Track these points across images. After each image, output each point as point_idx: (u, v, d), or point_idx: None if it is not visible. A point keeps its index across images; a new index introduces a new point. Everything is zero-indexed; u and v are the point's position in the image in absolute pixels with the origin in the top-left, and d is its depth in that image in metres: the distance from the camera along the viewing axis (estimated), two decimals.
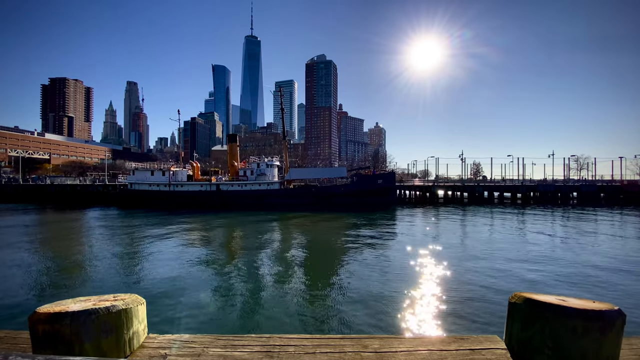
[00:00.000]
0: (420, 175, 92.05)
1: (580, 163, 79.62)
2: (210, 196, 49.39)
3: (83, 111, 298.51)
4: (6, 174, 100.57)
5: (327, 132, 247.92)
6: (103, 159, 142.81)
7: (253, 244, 20.87)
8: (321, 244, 21.04)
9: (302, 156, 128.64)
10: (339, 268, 14.28)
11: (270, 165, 52.41)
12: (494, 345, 1.57)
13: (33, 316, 1.30)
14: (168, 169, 53.26)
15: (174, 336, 1.63)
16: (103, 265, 14.66)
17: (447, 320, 8.46)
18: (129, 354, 1.45)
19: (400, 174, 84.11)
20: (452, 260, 14.90)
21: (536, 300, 1.40)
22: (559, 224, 29.29)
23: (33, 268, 14.20)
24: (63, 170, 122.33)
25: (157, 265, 14.51)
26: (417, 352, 1.50)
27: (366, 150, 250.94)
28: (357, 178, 50.97)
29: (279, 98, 55.95)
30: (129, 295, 1.55)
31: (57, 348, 1.28)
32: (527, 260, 14.92)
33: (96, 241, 21.06)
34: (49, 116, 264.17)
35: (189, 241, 21.25)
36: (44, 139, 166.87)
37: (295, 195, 48.53)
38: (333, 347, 1.54)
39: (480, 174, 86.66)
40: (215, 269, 14.25)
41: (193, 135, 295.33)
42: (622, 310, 1.32)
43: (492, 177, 75.63)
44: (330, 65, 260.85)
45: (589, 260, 15.09)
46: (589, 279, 12.16)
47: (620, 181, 64.90)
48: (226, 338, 1.61)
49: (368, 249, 17.89)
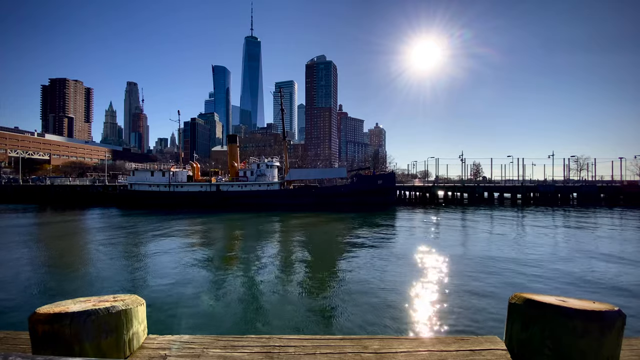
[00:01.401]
0: (420, 175, 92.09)
1: (580, 163, 79.71)
2: (210, 197, 49.39)
3: (83, 112, 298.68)
4: (6, 175, 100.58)
5: (327, 133, 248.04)
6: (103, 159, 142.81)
7: (253, 244, 20.86)
8: (321, 244, 21.03)
9: (302, 157, 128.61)
10: (338, 268, 14.28)
11: (270, 165, 52.41)
12: (494, 345, 1.57)
13: (33, 317, 1.30)
14: (168, 169, 53.27)
15: (173, 337, 1.63)
16: (103, 265, 14.65)
17: (447, 320, 8.46)
18: (129, 354, 1.45)
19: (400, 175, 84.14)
20: (451, 260, 14.89)
21: (536, 300, 1.40)
22: (559, 225, 29.28)
23: (33, 268, 14.19)
24: (63, 171, 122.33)
25: (157, 266, 14.51)
26: (417, 353, 1.50)
27: (366, 151, 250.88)
28: (357, 178, 50.99)
29: (279, 99, 55.99)
30: (129, 295, 1.55)
31: (57, 349, 1.28)
32: (527, 261, 14.91)
33: (96, 242, 21.05)
34: (49, 117, 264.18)
35: (189, 242, 21.23)
36: (44, 139, 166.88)
37: (295, 196, 48.52)
38: (333, 348, 1.54)
39: (480, 175, 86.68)
40: (215, 269, 14.25)
41: (193, 135, 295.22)
42: (622, 311, 1.32)
43: (492, 177, 75.69)
44: (330, 65, 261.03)
45: (589, 260, 15.09)
46: (589, 279, 12.15)
47: (620, 182, 64.94)
48: (226, 339, 1.61)
49: (368, 250, 17.88)
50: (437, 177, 73.10)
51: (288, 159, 57.61)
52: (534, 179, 72.50)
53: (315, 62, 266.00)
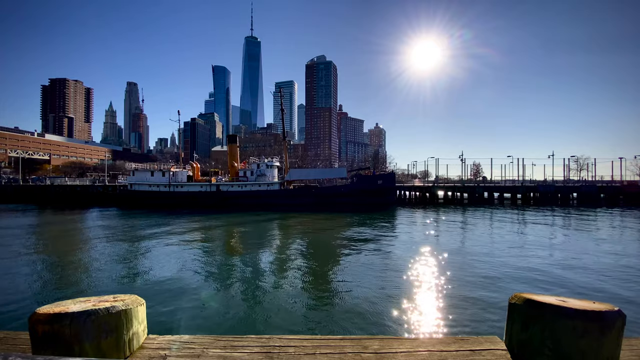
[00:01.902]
0: (420, 175, 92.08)
1: (580, 164, 79.70)
2: (210, 197, 49.39)
3: (83, 112, 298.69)
4: (6, 175, 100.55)
5: (327, 133, 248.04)
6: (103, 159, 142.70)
7: (253, 244, 20.86)
8: (321, 244, 21.03)
9: (302, 157, 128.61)
10: (338, 268, 14.28)
11: (270, 165, 52.41)
12: (494, 346, 1.57)
13: (33, 317, 1.30)
14: (168, 169, 53.24)
15: (173, 337, 1.63)
16: (103, 265, 14.65)
17: (447, 320, 8.46)
18: (129, 354, 1.45)
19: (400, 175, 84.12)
20: (451, 261, 14.89)
21: (536, 301, 1.40)
22: (559, 225, 29.28)
23: (33, 268, 14.19)
24: (63, 171, 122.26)
25: (157, 266, 14.50)
26: (417, 353, 1.50)
27: (366, 151, 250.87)
28: (357, 178, 50.99)
29: (279, 99, 55.98)
30: (129, 296, 1.55)
31: (57, 349, 1.28)
32: (527, 261, 14.91)
33: (96, 242, 21.04)
34: (49, 117, 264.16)
35: (189, 242, 21.23)
36: (44, 139, 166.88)
37: (295, 196, 48.52)
38: (333, 348, 1.54)
39: (480, 175, 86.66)
40: (215, 269, 14.25)
41: (193, 135, 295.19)
42: (622, 311, 1.32)
43: (492, 177, 75.68)
44: (330, 65, 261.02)
45: (589, 260, 15.08)
46: (589, 279, 12.15)
47: (620, 182, 64.95)
48: (226, 339, 1.61)
49: (368, 250, 17.88)
50: (437, 177, 73.09)
51: (288, 159, 57.60)
52: (534, 179, 72.48)
53: (315, 62, 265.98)
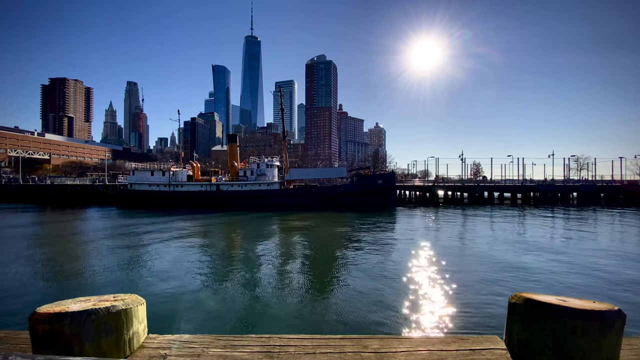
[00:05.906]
0: (420, 175, 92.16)
1: (580, 163, 79.82)
2: (210, 196, 49.39)
3: (83, 111, 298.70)
4: (6, 174, 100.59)
5: (327, 133, 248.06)
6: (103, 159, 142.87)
7: (253, 244, 20.87)
8: (321, 244, 21.04)
9: (302, 156, 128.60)
10: (339, 268, 14.29)
11: (270, 165, 52.43)
12: (494, 345, 1.56)
13: (33, 316, 1.29)
14: (168, 169, 53.23)
15: (173, 336, 1.63)
16: (103, 265, 14.65)
17: (447, 320, 8.46)
18: (129, 354, 1.45)
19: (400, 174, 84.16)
20: (451, 260, 14.90)
21: (536, 300, 1.40)
22: (559, 225, 29.30)
23: (33, 268, 14.20)
24: (63, 171, 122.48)
25: (157, 266, 14.51)
26: (417, 353, 1.50)
27: (366, 151, 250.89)
28: (357, 178, 51.00)
29: (279, 98, 55.98)
30: (129, 295, 1.55)
31: (57, 348, 1.27)
32: (526, 261, 14.92)
33: (96, 241, 21.05)
34: (49, 116, 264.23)
35: (189, 241, 21.24)
36: (44, 139, 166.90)
37: (295, 196, 48.53)
38: (333, 348, 1.54)
39: (480, 174, 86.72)
40: (215, 269, 14.26)
41: (193, 135, 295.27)
42: (622, 311, 1.32)
43: (492, 177, 75.71)
44: (330, 65, 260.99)
45: (589, 260, 15.09)
46: (589, 279, 12.16)
47: (620, 181, 64.93)
48: (226, 338, 1.61)
49: (368, 250, 17.89)
50: (437, 176, 73.17)
51: (288, 158, 57.62)
52: (534, 178, 72.58)
53: (315, 61, 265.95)
